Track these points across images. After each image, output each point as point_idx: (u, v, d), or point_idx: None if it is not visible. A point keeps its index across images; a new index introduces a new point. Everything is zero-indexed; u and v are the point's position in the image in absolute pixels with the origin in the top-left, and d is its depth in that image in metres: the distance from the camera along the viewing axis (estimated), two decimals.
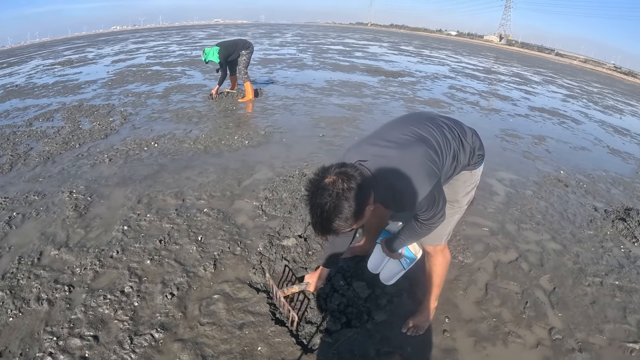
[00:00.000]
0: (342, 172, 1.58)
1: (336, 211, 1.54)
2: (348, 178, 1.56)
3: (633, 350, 2.49)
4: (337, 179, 1.55)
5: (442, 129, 1.94)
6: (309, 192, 1.61)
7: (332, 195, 1.53)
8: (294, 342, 2.33)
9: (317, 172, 1.61)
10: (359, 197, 1.57)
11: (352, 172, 1.59)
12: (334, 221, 1.56)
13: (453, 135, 1.97)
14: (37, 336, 2.30)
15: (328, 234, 1.63)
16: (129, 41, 25.71)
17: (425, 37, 56.00)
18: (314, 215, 1.59)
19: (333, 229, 1.59)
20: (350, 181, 1.56)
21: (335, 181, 1.55)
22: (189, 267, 2.92)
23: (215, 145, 5.45)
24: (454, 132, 1.99)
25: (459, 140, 1.99)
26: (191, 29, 43.06)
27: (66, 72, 12.20)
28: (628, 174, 5.94)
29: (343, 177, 1.56)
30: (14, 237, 3.25)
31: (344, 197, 1.54)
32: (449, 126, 2.00)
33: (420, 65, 16.90)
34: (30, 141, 5.49)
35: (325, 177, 1.57)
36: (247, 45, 7.63)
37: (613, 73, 40.59)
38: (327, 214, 1.55)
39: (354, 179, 1.57)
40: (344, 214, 1.55)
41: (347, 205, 1.54)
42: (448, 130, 1.96)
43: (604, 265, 3.36)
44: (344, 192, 1.53)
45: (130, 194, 3.99)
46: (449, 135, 1.95)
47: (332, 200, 1.53)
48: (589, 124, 9.18)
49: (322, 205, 1.55)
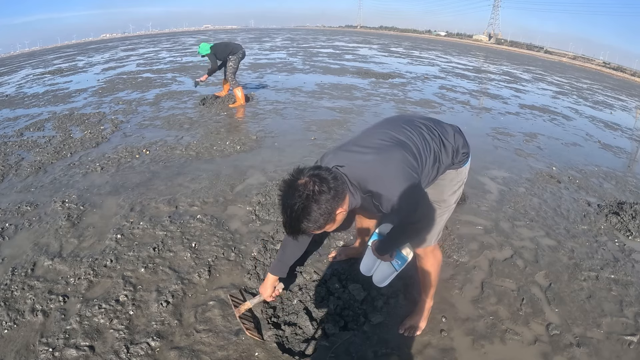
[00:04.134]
0: (315, 175, 1.60)
1: (304, 212, 1.57)
2: (320, 181, 1.59)
3: (631, 342, 2.50)
4: (309, 181, 1.58)
5: (420, 131, 1.93)
6: (281, 191, 1.65)
7: (302, 197, 1.56)
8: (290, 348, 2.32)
9: (292, 173, 1.64)
10: (329, 200, 1.59)
11: (326, 176, 1.61)
12: (302, 222, 1.59)
13: (432, 136, 1.96)
14: (33, 348, 2.27)
15: (297, 234, 1.67)
16: (118, 49, 25.61)
17: (415, 38, 56.22)
18: (284, 214, 1.63)
19: (302, 229, 1.62)
20: (322, 184, 1.58)
21: (307, 183, 1.58)
22: (183, 274, 2.91)
23: (207, 151, 5.43)
24: (434, 133, 1.98)
25: (439, 141, 1.98)
26: (181, 35, 43.01)
27: (56, 81, 12.12)
28: (620, 168, 5.98)
29: (315, 179, 1.59)
30: (7, 249, 3.21)
31: (314, 199, 1.56)
32: (428, 127, 1.98)
33: (411, 67, 16.97)
34: (22, 151, 5.44)
35: (299, 179, 1.60)
36: (236, 50, 7.62)
37: (602, 69, 40.91)
38: (295, 215, 1.58)
39: (327, 182, 1.60)
40: (312, 215, 1.58)
41: (316, 208, 1.57)
42: (427, 132, 1.95)
43: (599, 260, 3.38)
44: (314, 194, 1.56)
45: (122, 202, 3.96)
46: (428, 137, 1.94)
47: (302, 202, 1.56)
48: (580, 120, 9.25)
49: (291, 205, 1.58)
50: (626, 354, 2.44)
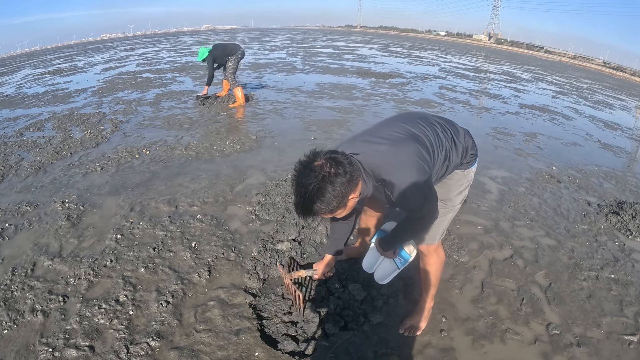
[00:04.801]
0: (332, 158, 1.62)
1: (319, 193, 1.58)
2: (337, 164, 1.60)
3: (631, 342, 2.50)
4: (325, 163, 1.59)
5: (434, 128, 1.96)
6: (296, 171, 1.65)
7: (318, 177, 1.57)
8: (294, 345, 2.32)
9: (308, 155, 1.65)
10: (344, 184, 1.60)
11: (342, 159, 1.63)
12: (315, 203, 1.60)
13: (446, 134, 1.99)
14: (33, 348, 2.27)
15: (309, 215, 1.67)
16: (118, 49, 25.58)
17: (415, 38, 56.19)
18: (297, 194, 1.63)
19: (314, 210, 1.63)
20: (338, 167, 1.59)
21: (323, 165, 1.59)
22: (183, 274, 2.90)
23: (207, 151, 5.43)
24: (447, 132, 2.01)
25: (451, 140, 2.01)
26: (181, 35, 42.97)
27: (56, 81, 12.11)
28: (620, 167, 5.98)
29: (332, 162, 1.60)
30: (7, 249, 3.21)
31: (329, 181, 1.57)
32: (442, 125, 2.02)
33: (411, 66, 16.97)
34: (22, 151, 5.44)
35: (315, 160, 1.61)
36: (234, 50, 7.61)
37: (602, 68, 40.88)
38: (309, 194, 1.58)
39: (342, 165, 1.61)
40: (327, 197, 1.58)
41: (331, 189, 1.58)
42: (441, 130, 1.98)
43: (599, 259, 3.38)
44: (329, 176, 1.57)
45: (122, 202, 3.96)
46: (442, 135, 1.96)
47: (317, 182, 1.57)
48: (580, 120, 9.25)
49: (306, 185, 1.58)
50: (626, 354, 2.44)
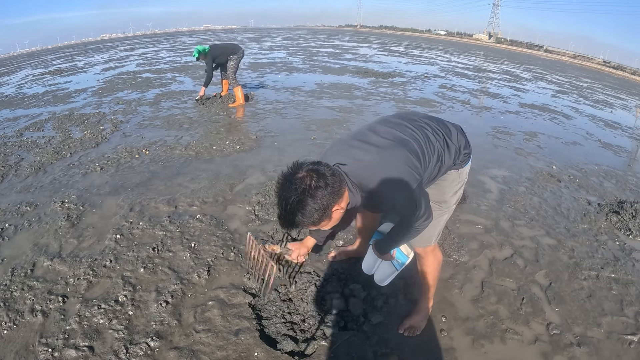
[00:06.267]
0: (314, 170, 1.59)
1: (299, 206, 1.56)
2: (318, 176, 1.58)
3: (631, 342, 2.50)
4: (306, 175, 1.57)
5: (424, 131, 1.91)
6: (279, 183, 1.63)
7: (298, 190, 1.55)
8: (293, 345, 2.32)
9: (291, 166, 1.63)
10: (325, 196, 1.58)
11: (324, 171, 1.60)
12: (296, 215, 1.58)
13: (437, 137, 1.94)
14: (32, 348, 2.27)
15: (291, 227, 1.66)
16: (118, 49, 25.60)
17: (415, 37, 56.21)
18: (279, 206, 1.62)
19: (296, 222, 1.61)
20: (320, 180, 1.57)
21: (304, 177, 1.57)
22: (182, 274, 2.90)
23: (206, 151, 5.43)
24: (438, 134, 1.96)
25: (443, 142, 1.96)
26: (181, 35, 43.00)
27: (56, 81, 12.12)
28: (620, 166, 5.98)
29: (313, 174, 1.58)
30: (7, 249, 3.20)
31: (309, 194, 1.55)
32: (432, 128, 1.96)
33: (411, 66, 16.97)
34: (21, 151, 5.44)
35: (297, 173, 1.59)
36: (236, 50, 7.65)
37: (602, 67, 40.89)
38: (290, 207, 1.57)
39: (324, 178, 1.58)
40: (307, 210, 1.57)
41: (312, 202, 1.56)
42: (431, 132, 1.93)
43: (599, 259, 3.37)
44: (310, 189, 1.55)
45: (122, 202, 3.96)
46: (432, 138, 1.92)
47: (297, 195, 1.55)
48: (580, 119, 9.25)
49: (287, 198, 1.57)
50: (626, 354, 2.43)
